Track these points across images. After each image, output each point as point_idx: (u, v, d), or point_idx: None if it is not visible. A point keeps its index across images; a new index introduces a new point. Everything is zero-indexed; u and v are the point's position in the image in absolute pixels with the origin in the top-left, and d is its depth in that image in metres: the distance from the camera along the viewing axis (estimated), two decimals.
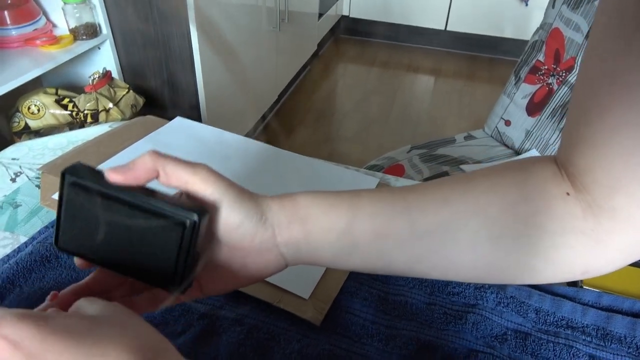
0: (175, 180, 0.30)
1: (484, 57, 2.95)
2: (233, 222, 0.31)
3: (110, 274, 0.34)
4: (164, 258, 0.30)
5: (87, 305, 0.27)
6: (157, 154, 0.30)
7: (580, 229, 0.31)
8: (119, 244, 0.30)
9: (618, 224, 0.30)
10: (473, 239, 0.32)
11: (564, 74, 1.17)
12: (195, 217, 0.28)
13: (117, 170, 0.29)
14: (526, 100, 1.23)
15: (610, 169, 0.29)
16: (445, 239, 0.33)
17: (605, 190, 0.30)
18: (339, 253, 0.33)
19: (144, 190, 0.30)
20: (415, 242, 0.33)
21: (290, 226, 0.32)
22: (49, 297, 0.32)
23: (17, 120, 1.40)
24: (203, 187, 0.30)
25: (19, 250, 0.53)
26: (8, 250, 0.53)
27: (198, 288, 0.34)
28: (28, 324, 0.22)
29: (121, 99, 1.46)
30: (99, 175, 0.30)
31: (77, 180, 0.29)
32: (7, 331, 0.22)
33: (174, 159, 0.30)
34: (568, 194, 0.32)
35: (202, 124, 0.73)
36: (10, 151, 0.71)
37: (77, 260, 0.32)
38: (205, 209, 0.30)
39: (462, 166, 1.18)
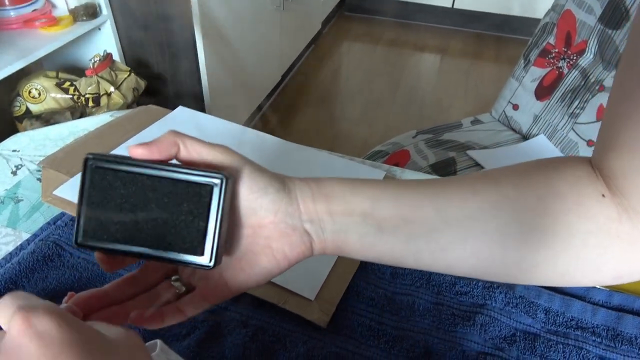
0: (196, 153, 0.30)
1: (491, 35, 2.89)
2: (256, 188, 0.30)
3: (131, 283, 0.33)
4: (194, 226, 0.29)
5: (105, 327, 0.26)
6: (177, 132, 0.30)
7: (615, 232, 0.30)
8: (145, 222, 0.30)
9: None
10: (503, 231, 0.31)
11: (574, 58, 1.14)
12: (222, 177, 0.29)
13: (139, 145, 0.29)
14: (535, 84, 1.20)
15: None
16: (474, 229, 0.32)
17: None
18: (365, 237, 0.32)
19: (166, 164, 0.30)
20: (443, 230, 0.32)
21: (314, 201, 0.32)
22: (66, 297, 0.31)
23: (18, 104, 1.39)
24: (222, 157, 0.30)
25: (21, 248, 0.52)
26: (10, 247, 0.53)
27: (225, 286, 0.32)
28: (57, 321, 0.22)
29: (122, 82, 1.44)
30: (120, 158, 0.30)
31: (100, 163, 0.29)
32: (36, 321, 0.22)
33: (193, 137, 0.31)
34: (603, 195, 0.31)
35: (204, 114, 0.72)
36: (11, 142, 0.70)
37: (97, 255, 0.31)
38: (229, 174, 0.30)
39: (468, 152, 1.16)
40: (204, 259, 0.30)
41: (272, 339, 0.45)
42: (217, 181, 0.29)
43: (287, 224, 0.31)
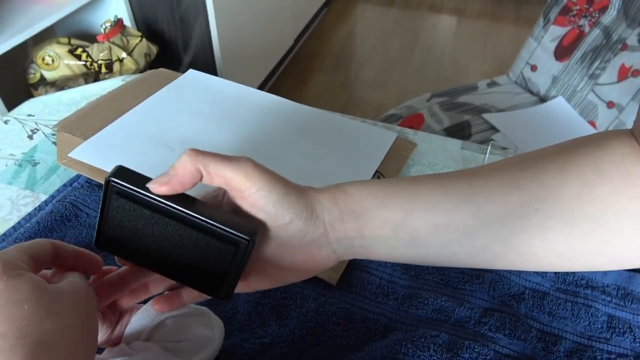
0: (219, 179, 0.28)
1: None
2: (282, 221, 0.29)
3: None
4: (214, 272, 0.30)
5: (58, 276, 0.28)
6: (196, 152, 0.28)
7: None
8: (165, 255, 0.30)
9: None
10: (545, 225, 0.30)
11: (597, 15, 1.10)
12: (249, 239, 0.28)
13: (161, 181, 0.28)
14: (555, 44, 1.17)
15: None
16: (514, 228, 0.30)
17: None
18: (396, 247, 0.31)
19: (185, 199, 0.29)
20: (480, 232, 0.30)
21: (343, 223, 0.30)
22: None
23: (32, 71, 1.39)
24: (248, 185, 0.28)
25: (39, 208, 0.53)
26: (29, 209, 0.54)
27: (245, 282, 0.33)
28: None
29: (134, 48, 1.43)
30: (144, 181, 0.29)
31: (123, 189, 0.28)
32: None
33: (214, 156, 0.28)
34: None
35: (214, 77, 0.71)
36: (26, 107, 0.71)
37: (118, 260, 0.32)
38: (257, 227, 0.29)
39: (484, 115, 1.14)
40: (220, 294, 0.31)
41: (283, 295, 0.46)
42: (244, 241, 0.28)
43: (314, 245, 0.31)
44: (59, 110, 0.70)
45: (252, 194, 0.28)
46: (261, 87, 1.97)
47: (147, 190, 0.28)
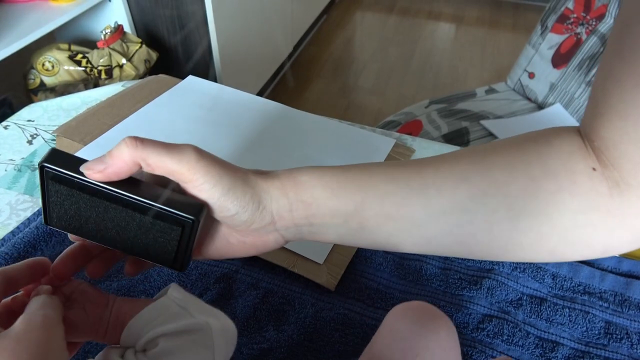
0: (161, 170, 0.28)
1: (508, 2, 2.81)
2: (227, 213, 0.29)
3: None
4: (164, 248, 0.30)
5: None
6: (135, 141, 0.27)
7: (605, 208, 0.29)
8: (113, 234, 0.30)
9: None
10: (490, 219, 0.31)
11: (594, 23, 1.10)
12: (194, 218, 0.28)
13: (94, 168, 0.27)
14: (552, 51, 1.18)
15: None
16: (461, 220, 0.31)
17: (635, 166, 0.28)
18: (345, 234, 0.32)
19: (131, 191, 0.28)
20: (428, 224, 0.31)
21: (292, 212, 0.31)
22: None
23: (32, 77, 1.40)
24: (191, 177, 0.28)
25: (38, 213, 0.54)
26: (28, 213, 0.54)
27: (198, 251, 0.33)
28: None
29: (134, 54, 1.44)
30: (79, 163, 0.28)
31: (57, 174, 0.27)
32: None
33: (154, 145, 0.28)
34: (594, 169, 0.30)
35: (214, 83, 0.72)
36: (26, 112, 0.71)
37: (71, 236, 0.32)
38: (202, 205, 0.29)
39: (482, 121, 1.15)
40: (175, 266, 0.31)
41: (281, 300, 0.46)
42: (189, 220, 0.28)
43: (262, 231, 0.31)
44: (58, 116, 0.70)
45: (197, 186, 0.28)
46: (260, 94, 1.98)
47: (82, 173, 0.27)
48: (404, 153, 0.63)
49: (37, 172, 0.59)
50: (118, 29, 1.43)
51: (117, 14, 1.52)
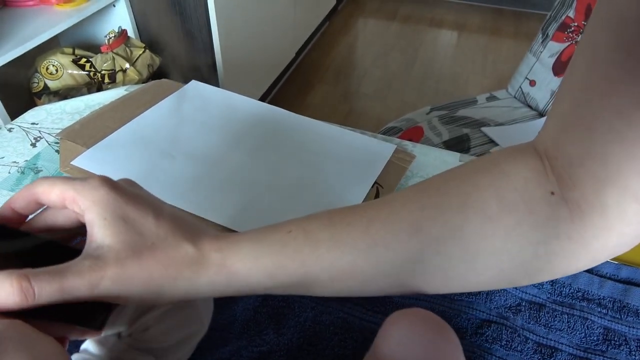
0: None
1: (510, 10, 2.83)
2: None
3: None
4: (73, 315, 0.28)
5: None
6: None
7: (566, 234, 0.28)
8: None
9: (608, 221, 0.28)
10: (445, 266, 0.30)
11: None
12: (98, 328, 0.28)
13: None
14: (553, 59, 1.18)
15: (607, 158, 0.26)
16: (415, 271, 0.30)
17: (598, 184, 0.27)
18: (290, 290, 0.31)
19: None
20: (379, 279, 0.31)
21: (212, 289, 0.29)
22: None
23: (36, 81, 1.41)
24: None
25: None
26: (31, 216, 0.55)
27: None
28: None
29: (138, 58, 1.45)
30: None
31: None
32: None
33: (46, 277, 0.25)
34: (553, 193, 0.28)
35: (216, 88, 0.72)
36: (30, 115, 0.72)
37: None
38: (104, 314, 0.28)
39: (483, 128, 1.15)
40: (95, 325, 0.29)
41: (281, 304, 0.46)
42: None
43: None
44: (62, 119, 0.71)
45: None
46: (263, 99, 1.99)
47: None
48: (405, 159, 0.63)
49: (40, 175, 0.60)
50: (122, 34, 1.44)
51: (121, 18, 1.54)
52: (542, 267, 0.30)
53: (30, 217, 0.32)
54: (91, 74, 1.42)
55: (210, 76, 1.63)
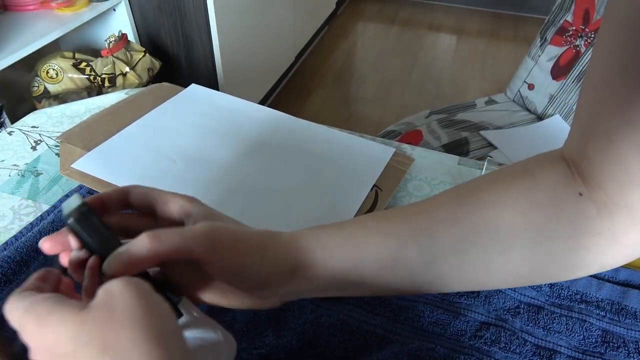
0: (182, 256, 0.29)
1: (509, 14, 2.84)
2: (238, 281, 0.31)
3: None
4: None
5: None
6: (153, 239, 0.28)
7: (596, 230, 0.30)
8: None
9: (636, 218, 0.29)
10: (483, 256, 0.32)
11: (592, 36, 1.12)
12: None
13: (114, 268, 0.28)
14: (551, 63, 1.19)
15: (628, 163, 0.28)
16: (454, 262, 0.32)
17: (622, 186, 0.29)
18: (344, 288, 0.34)
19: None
20: (424, 269, 0.33)
21: (294, 277, 0.32)
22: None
23: (36, 84, 1.41)
24: (208, 258, 0.30)
25: (41, 218, 0.54)
26: (31, 218, 0.55)
27: (194, 296, 0.34)
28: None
29: (138, 62, 1.45)
30: (98, 231, 0.30)
31: (77, 230, 0.30)
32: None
33: (174, 242, 0.29)
34: (581, 194, 0.31)
35: (216, 92, 0.73)
36: (30, 119, 0.72)
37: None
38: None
39: (481, 132, 1.16)
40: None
41: (281, 306, 0.46)
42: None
43: (263, 295, 0.33)
44: (62, 122, 0.71)
45: (212, 264, 0.30)
46: (262, 103, 1.99)
47: (99, 245, 0.29)
48: (404, 162, 0.63)
49: (40, 178, 0.60)
50: (122, 38, 1.44)
51: (121, 23, 1.54)
52: (578, 262, 0.32)
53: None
54: (91, 77, 1.42)
55: (210, 80, 1.63)
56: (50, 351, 0.24)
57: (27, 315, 0.24)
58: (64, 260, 0.31)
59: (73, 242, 0.30)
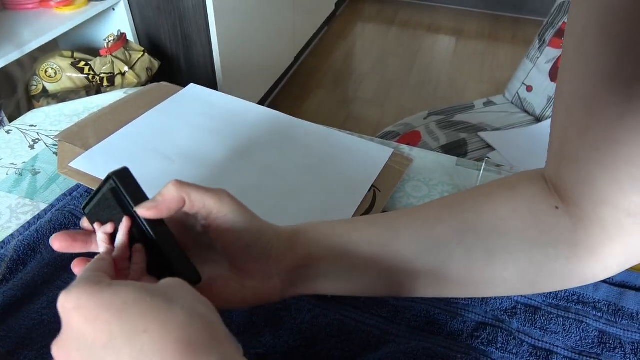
0: (200, 205, 0.32)
1: (508, 16, 2.84)
2: (242, 242, 0.33)
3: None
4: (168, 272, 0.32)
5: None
6: (180, 183, 0.31)
7: (573, 241, 0.32)
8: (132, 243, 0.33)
9: (610, 232, 0.31)
10: (467, 255, 0.33)
11: None
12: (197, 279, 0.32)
13: (149, 206, 0.31)
14: (550, 65, 1.19)
15: (595, 183, 0.30)
16: (441, 256, 0.34)
17: (594, 203, 0.31)
18: (337, 278, 0.35)
19: (158, 220, 0.32)
20: (413, 261, 0.34)
21: (292, 252, 0.34)
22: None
23: (35, 83, 1.41)
24: (222, 209, 0.32)
25: (38, 217, 0.54)
26: (28, 217, 0.55)
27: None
28: (86, 290, 0.24)
29: (136, 62, 1.45)
30: (138, 193, 0.32)
31: (117, 190, 0.32)
32: (66, 298, 0.25)
33: (196, 187, 0.32)
34: (557, 207, 0.33)
35: (215, 91, 0.73)
36: (28, 118, 0.72)
37: (84, 223, 0.35)
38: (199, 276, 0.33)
39: (480, 133, 1.16)
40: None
41: (278, 306, 0.46)
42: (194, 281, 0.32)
43: (262, 273, 0.34)
44: (60, 121, 0.71)
45: (222, 217, 0.32)
46: (261, 103, 1.99)
47: (136, 201, 0.32)
48: (402, 162, 0.64)
49: (38, 176, 0.60)
50: (121, 37, 1.44)
51: (120, 22, 1.54)
52: (557, 270, 0.33)
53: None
54: (90, 77, 1.42)
55: (208, 80, 1.63)
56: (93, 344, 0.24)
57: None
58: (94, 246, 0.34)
59: (97, 225, 0.33)
